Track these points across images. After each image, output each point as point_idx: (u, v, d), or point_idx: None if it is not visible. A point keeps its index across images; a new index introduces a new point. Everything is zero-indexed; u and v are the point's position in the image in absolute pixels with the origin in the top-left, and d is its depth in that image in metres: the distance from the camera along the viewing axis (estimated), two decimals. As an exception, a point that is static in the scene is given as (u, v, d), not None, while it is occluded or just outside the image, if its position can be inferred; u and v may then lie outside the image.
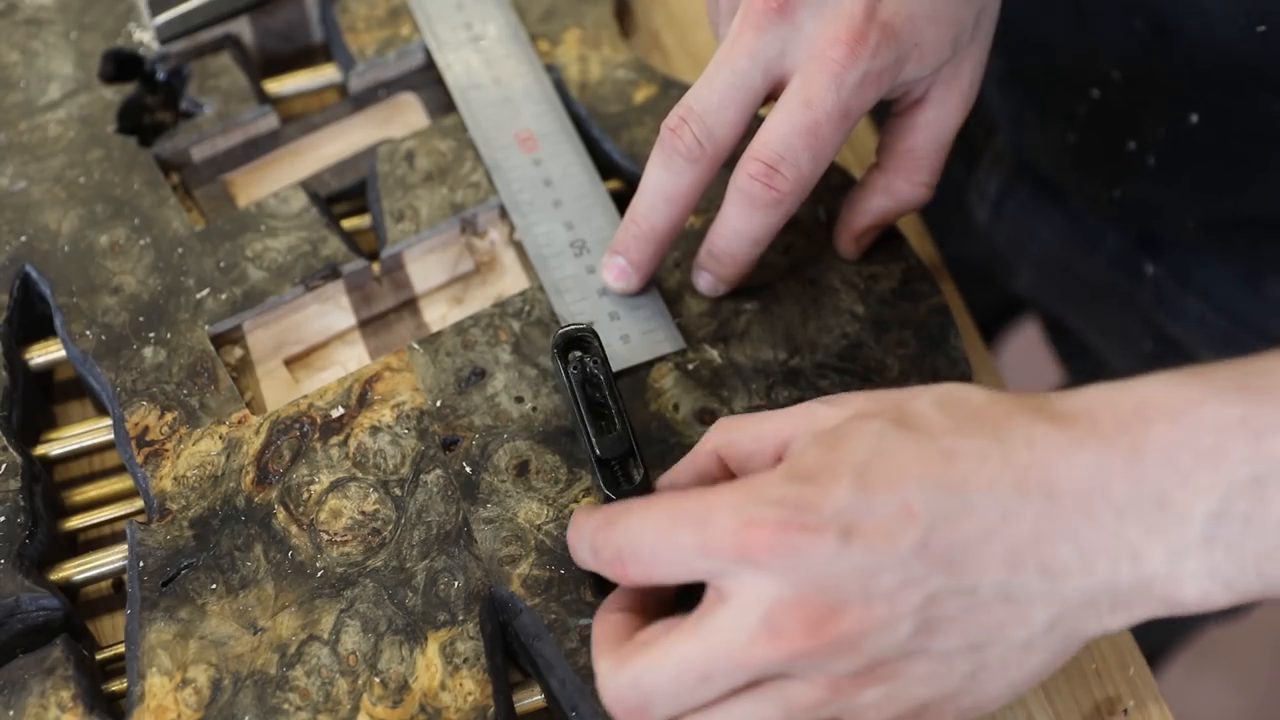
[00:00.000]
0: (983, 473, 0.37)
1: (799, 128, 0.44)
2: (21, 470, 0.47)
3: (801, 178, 0.45)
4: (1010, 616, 0.37)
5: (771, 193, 0.45)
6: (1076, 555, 0.36)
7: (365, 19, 0.59)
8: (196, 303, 0.51)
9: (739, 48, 0.45)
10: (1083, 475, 0.36)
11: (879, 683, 0.37)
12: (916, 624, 0.36)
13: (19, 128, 0.55)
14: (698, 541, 0.37)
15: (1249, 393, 0.36)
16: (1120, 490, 0.36)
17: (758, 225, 0.47)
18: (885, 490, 0.36)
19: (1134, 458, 0.36)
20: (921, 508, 0.36)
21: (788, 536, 0.36)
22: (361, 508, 0.47)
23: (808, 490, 0.37)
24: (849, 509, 0.36)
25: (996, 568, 0.36)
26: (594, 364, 0.46)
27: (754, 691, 0.38)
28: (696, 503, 0.38)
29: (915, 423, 0.38)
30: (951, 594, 0.36)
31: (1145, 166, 0.60)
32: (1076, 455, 0.36)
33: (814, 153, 0.45)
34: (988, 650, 0.37)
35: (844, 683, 0.37)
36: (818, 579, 0.36)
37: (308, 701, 0.43)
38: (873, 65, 0.44)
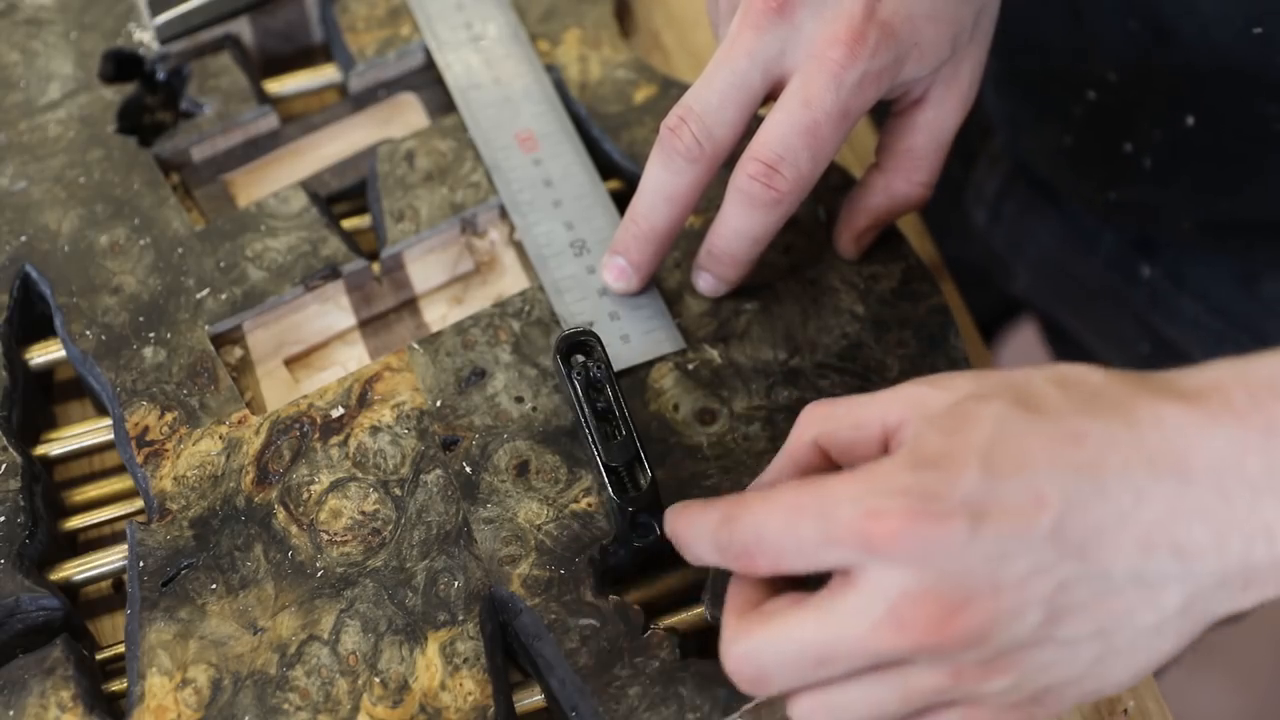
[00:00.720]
0: (1114, 455, 0.36)
1: (798, 128, 0.44)
2: (21, 470, 0.47)
3: (801, 177, 0.45)
4: (1142, 601, 0.36)
5: (771, 192, 0.45)
6: (1211, 535, 0.35)
7: (365, 19, 0.59)
8: (196, 303, 0.51)
9: (738, 47, 0.45)
10: (1217, 453, 0.35)
11: (1003, 673, 0.36)
12: (1046, 612, 0.36)
13: (19, 128, 0.55)
14: (822, 533, 0.36)
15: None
16: (1256, 466, 0.35)
17: (757, 225, 0.47)
18: (1015, 475, 0.35)
19: (1270, 433, 0.35)
20: (1053, 492, 0.35)
21: (915, 526, 0.35)
22: (361, 508, 0.47)
23: (933, 477, 0.36)
24: (978, 495, 0.35)
25: (1130, 552, 0.35)
26: (598, 369, 0.46)
27: (876, 674, 0.37)
28: (817, 494, 0.37)
29: (1037, 404, 0.37)
30: (1083, 581, 0.35)
31: (1141, 168, 0.60)
32: (1210, 433, 0.36)
33: (813, 152, 0.45)
34: (1116, 636, 0.37)
35: (968, 671, 0.36)
36: (946, 569, 0.35)
37: (308, 701, 0.43)
38: (872, 65, 0.44)
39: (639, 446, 0.45)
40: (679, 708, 0.43)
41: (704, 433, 0.48)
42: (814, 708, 0.38)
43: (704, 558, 0.40)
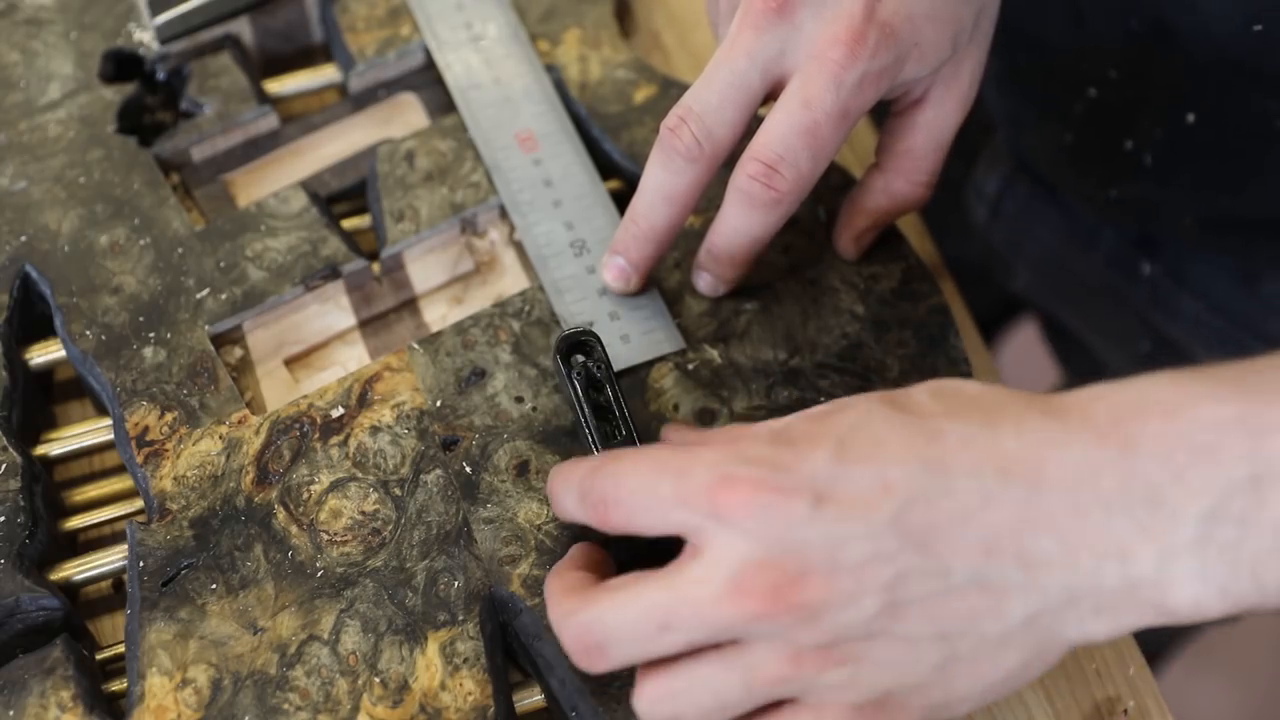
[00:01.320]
0: (967, 455, 0.36)
1: (798, 128, 0.45)
2: (21, 470, 0.47)
3: (801, 177, 0.45)
4: (984, 607, 0.36)
5: (771, 192, 0.45)
6: (1059, 548, 0.35)
7: (365, 19, 0.59)
8: (196, 303, 0.51)
9: (738, 47, 0.45)
10: (1071, 467, 0.35)
11: (842, 663, 0.36)
12: (883, 602, 0.36)
13: (19, 128, 0.55)
14: (676, 493, 0.37)
15: (1248, 392, 0.35)
16: (1110, 485, 0.35)
17: (757, 225, 0.47)
18: (865, 462, 0.36)
19: (1127, 452, 0.35)
20: (899, 482, 0.36)
21: (759, 496, 0.36)
22: (361, 508, 0.47)
23: (787, 453, 0.37)
24: (825, 476, 0.36)
25: (972, 552, 0.36)
26: (598, 369, 0.46)
27: (717, 655, 0.37)
28: (681, 456, 0.38)
29: (905, 405, 0.38)
30: (922, 575, 0.36)
31: (1142, 166, 0.61)
32: (1067, 446, 0.36)
33: (813, 152, 0.45)
34: (959, 642, 0.36)
35: (807, 657, 0.36)
36: (786, 542, 0.36)
37: (308, 701, 0.43)
38: (872, 65, 0.44)
39: (638, 445, 0.45)
40: (679, 708, 0.43)
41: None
42: (658, 696, 0.38)
43: (568, 509, 0.41)
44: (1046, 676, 0.49)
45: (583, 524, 0.41)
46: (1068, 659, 0.49)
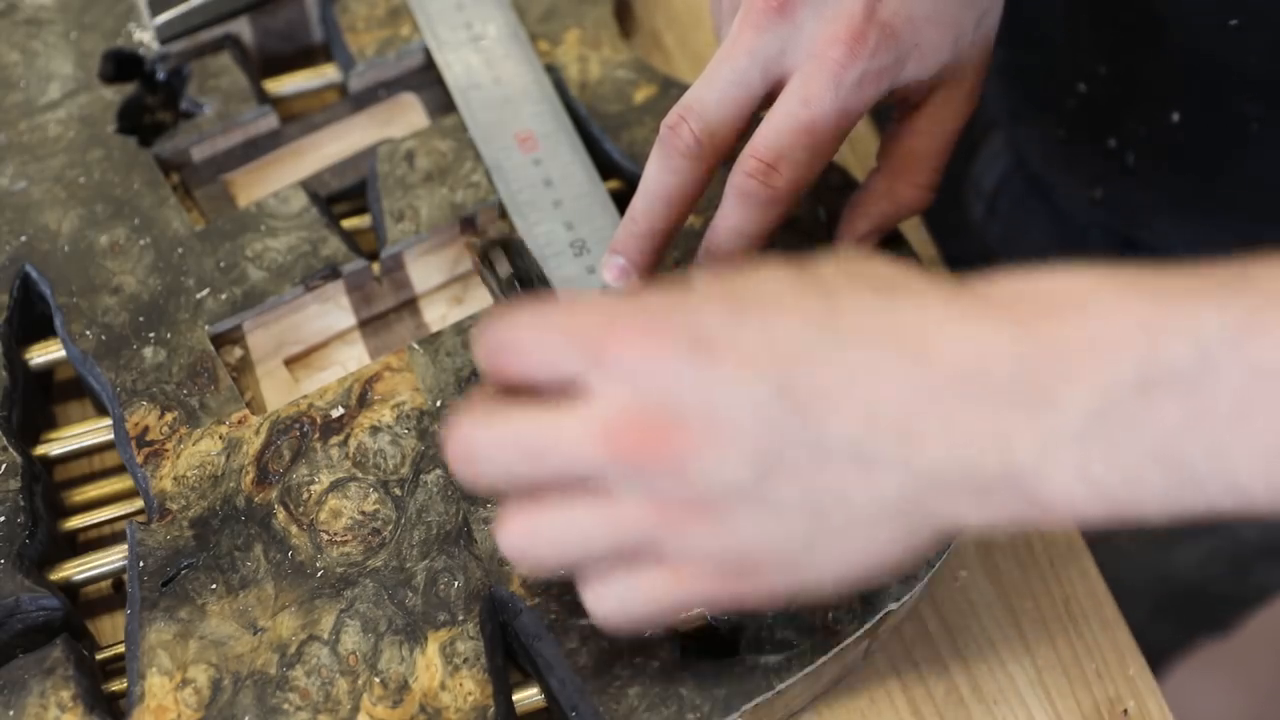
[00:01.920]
0: (862, 324, 0.35)
1: (797, 126, 0.45)
2: (21, 470, 0.47)
3: (799, 176, 0.45)
4: (858, 480, 0.35)
5: (769, 190, 0.45)
6: (941, 429, 0.34)
7: (365, 19, 0.59)
8: (196, 303, 0.51)
9: (739, 46, 0.45)
10: (966, 348, 0.35)
11: (707, 520, 0.36)
12: (755, 465, 0.35)
13: (19, 128, 0.55)
14: (565, 337, 0.36)
15: (1153, 294, 0.34)
16: (1001, 372, 0.34)
17: (754, 223, 0.47)
18: (755, 319, 0.35)
19: (1023, 341, 0.34)
20: (786, 341, 0.35)
21: (642, 339, 0.35)
22: (361, 508, 0.47)
23: (678, 303, 0.36)
24: (713, 328, 0.35)
25: (852, 421, 0.35)
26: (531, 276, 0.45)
27: (583, 498, 0.37)
28: (578, 304, 0.37)
29: (814, 276, 0.37)
30: (798, 441, 0.35)
31: (1125, 165, 0.61)
32: (963, 327, 0.35)
33: (812, 151, 0.45)
34: (829, 515, 0.35)
35: (671, 511, 0.36)
36: (663, 389, 0.35)
37: (308, 701, 0.43)
38: (871, 65, 0.44)
39: None
40: (679, 708, 0.43)
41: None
42: (521, 530, 0.38)
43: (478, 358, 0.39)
44: (1047, 676, 0.49)
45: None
46: (1068, 659, 0.49)
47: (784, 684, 0.44)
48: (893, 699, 0.49)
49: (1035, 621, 0.50)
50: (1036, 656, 0.50)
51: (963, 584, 0.51)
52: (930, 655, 0.49)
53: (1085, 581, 0.51)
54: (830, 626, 0.45)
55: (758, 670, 0.44)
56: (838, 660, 0.46)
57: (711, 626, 0.46)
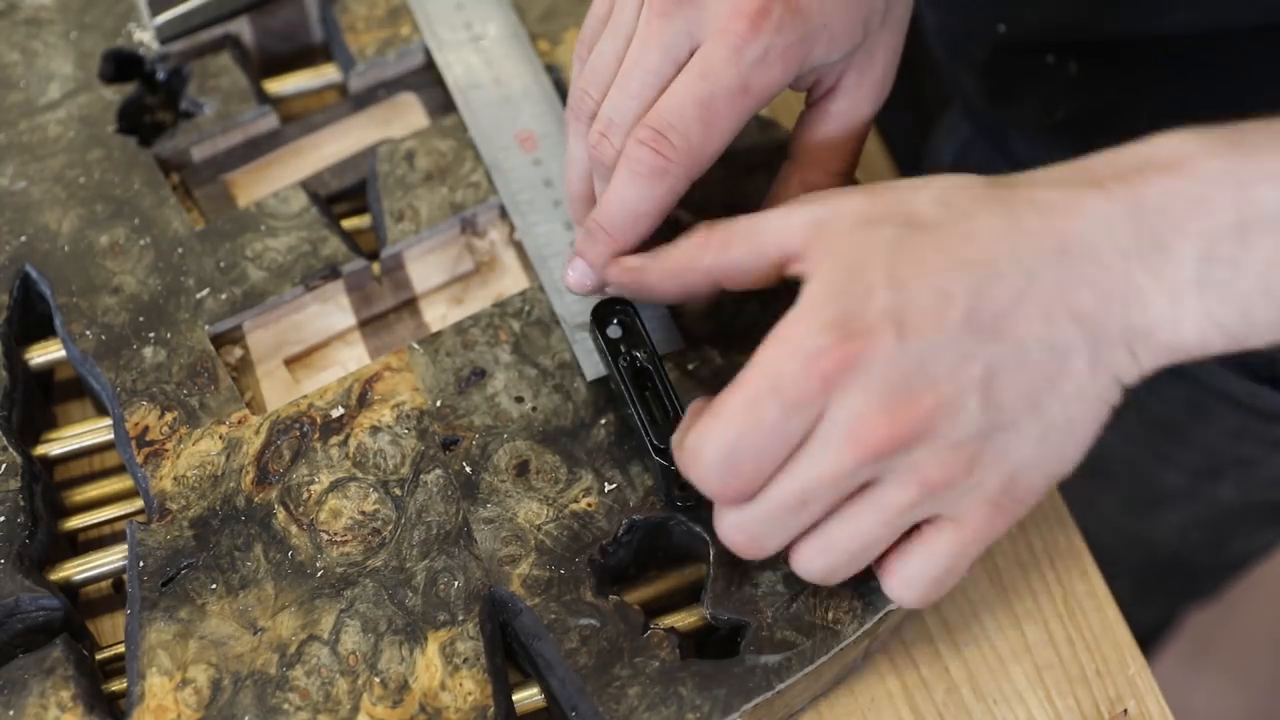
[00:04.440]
0: (1001, 244, 0.39)
1: (692, 97, 0.44)
2: (21, 470, 0.47)
3: (691, 148, 0.44)
4: (1057, 369, 0.39)
5: (658, 159, 0.44)
6: (1097, 300, 0.39)
7: (365, 19, 0.59)
8: (196, 303, 0.51)
9: (649, 41, 0.45)
10: (1089, 228, 0.39)
11: (965, 468, 0.39)
12: (981, 397, 0.39)
13: (19, 128, 0.55)
14: (782, 407, 0.39)
15: (1239, 147, 0.39)
16: (1124, 238, 0.39)
17: (642, 196, 0.45)
18: (919, 281, 0.39)
19: (1134, 207, 0.39)
20: (957, 287, 0.39)
21: (849, 349, 0.38)
22: (361, 508, 0.47)
23: (848, 304, 0.39)
24: (893, 307, 0.39)
25: (1036, 324, 0.39)
26: (644, 357, 0.46)
27: (849, 505, 0.40)
28: (757, 377, 0.39)
29: (923, 220, 0.40)
30: (1004, 360, 0.39)
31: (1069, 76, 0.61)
32: (1081, 210, 0.39)
33: (706, 124, 0.44)
34: (1048, 408, 0.40)
35: (933, 475, 0.39)
36: (887, 378, 0.38)
37: (308, 701, 0.43)
38: (776, 41, 0.43)
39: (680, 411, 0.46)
40: (679, 708, 0.43)
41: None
42: (810, 555, 0.42)
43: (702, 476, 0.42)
44: (1047, 676, 0.49)
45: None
46: (1068, 659, 0.49)
47: (784, 684, 0.44)
48: (893, 699, 0.49)
49: (1035, 621, 0.50)
50: (1036, 656, 0.50)
51: (963, 584, 0.51)
52: (930, 655, 0.49)
53: (1085, 581, 0.51)
54: (830, 626, 0.45)
55: (758, 670, 0.44)
56: (838, 660, 0.46)
57: (711, 626, 0.46)
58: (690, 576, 0.49)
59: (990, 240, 0.39)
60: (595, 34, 0.49)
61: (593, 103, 0.47)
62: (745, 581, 0.46)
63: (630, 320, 0.47)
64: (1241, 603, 1.31)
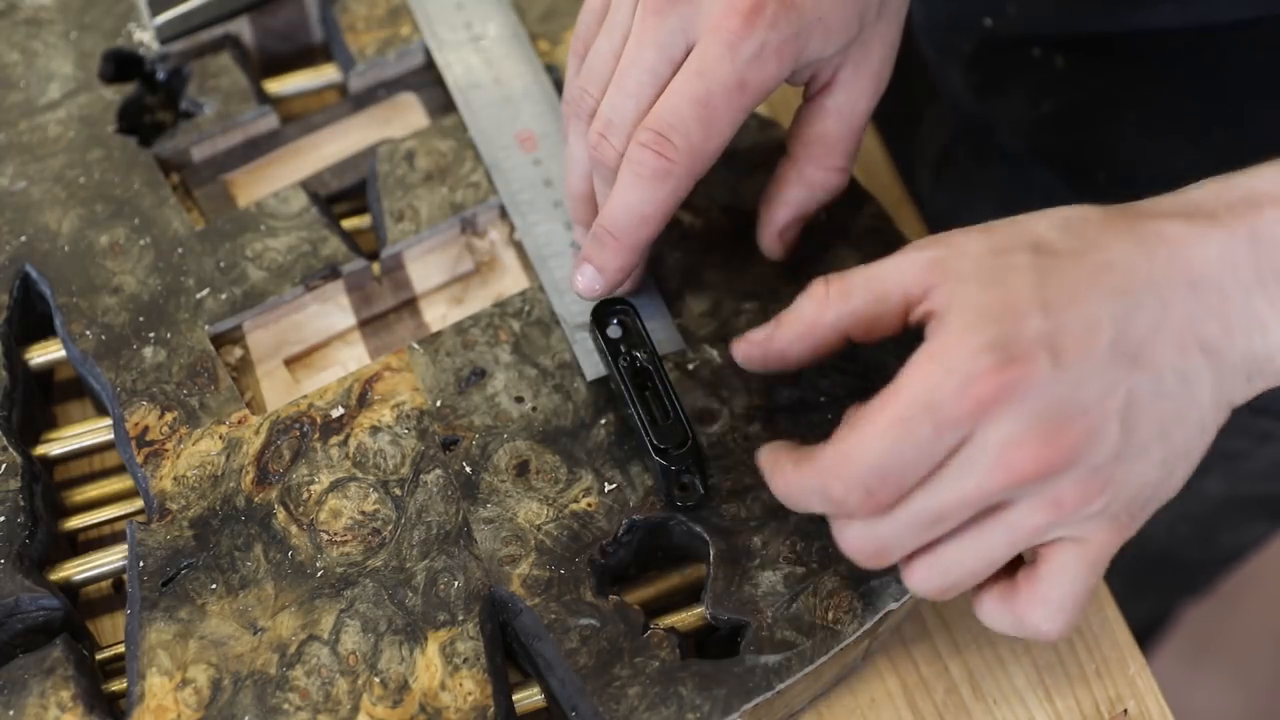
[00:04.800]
0: (1138, 273, 0.40)
1: (690, 97, 0.44)
2: (21, 470, 0.47)
3: (692, 148, 0.44)
4: (1187, 399, 0.40)
5: (661, 161, 0.44)
6: (1222, 330, 0.40)
7: (365, 19, 0.59)
8: (196, 303, 0.51)
9: (645, 40, 0.45)
10: (1214, 260, 0.40)
11: (1098, 492, 0.40)
12: (1120, 425, 0.39)
13: (19, 128, 0.55)
14: (934, 427, 0.39)
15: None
16: (1246, 270, 0.40)
17: (646, 199, 0.45)
18: (1070, 308, 0.39)
19: (1254, 241, 0.40)
20: (1104, 316, 0.39)
21: (1008, 374, 0.38)
22: (361, 508, 0.47)
23: (1003, 329, 0.39)
24: (1047, 332, 0.39)
25: (1171, 353, 0.40)
26: (644, 357, 0.46)
27: (977, 525, 0.40)
28: (909, 394, 0.39)
29: (1055, 249, 0.40)
30: (1143, 388, 0.40)
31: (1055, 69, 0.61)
32: (1205, 244, 0.40)
33: (705, 123, 0.44)
34: (1174, 436, 0.40)
35: (1068, 499, 0.39)
36: (1041, 404, 0.38)
37: (308, 701, 0.43)
38: (771, 36, 0.43)
39: (685, 416, 0.46)
40: (679, 708, 0.43)
41: (704, 433, 0.48)
42: (927, 574, 0.42)
43: (817, 507, 0.42)
44: (1047, 676, 0.49)
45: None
46: (1068, 658, 0.49)
47: (784, 684, 0.44)
48: (893, 699, 0.49)
49: (1035, 621, 0.50)
50: (1036, 656, 0.50)
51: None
52: (930, 655, 0.49)
53: (1085, 581, 0.51)
54: (830, 626, 0.45)
55: (758, 670, 0.44)
56: (838, 660, 0.46)
57: (711, 626, 0.46)
58: (690, 576, 0.49)
59: (1128, 270, 0.40)
60: (590, 30, 0.49)
61: (592, 101, 0.47)
62: (745, 581, 0.46)
63: (630, 320, 0.47)
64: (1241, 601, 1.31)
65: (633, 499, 0.47)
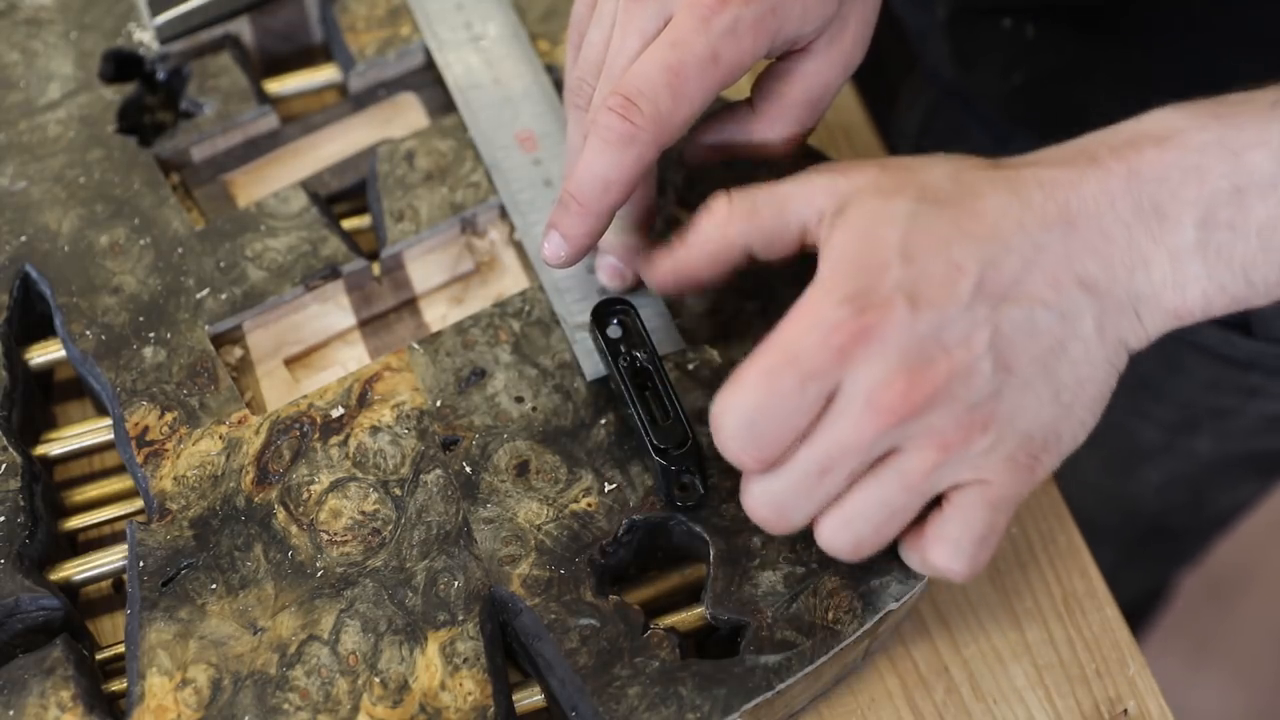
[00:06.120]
0: (1008, 219, 0.41)
1: (661, 65, 0.44)
2: (21, 470, 0.47)
3: (659, 115, 0.44)
4: (1066, 332, 0.41)
5: (627, 125, 0.44)
6: (1101, 267, 0.41)
7: (365, 19, 0.59)
8: (196, 303, 0.51)
9: (628, 29, 0.45)
10: (1091, 200, 0.41)
11: (982, 428, 0.41)
12: (993, 361, 0.40)
13: (19, 128, 0.55)
14: (800, 377, 0.40)
15: (1224, 119, 0.41)
16: (1124, 208, 0.41)
17: (611, 163, 0.45)
18: (931, 255, 0.41)
19: (1131, 178, 0.41)
20: (967, 260, 0.41)
21: (866, 322, 0.40)
22: (361, 508, 0.47)
23: (864, 279, 0.40)
24: (906, 279, 0.40)
25: (1045, 290, 0.41)
26: (644, 357, 0.46)
27: (872, 474, 0.41)
28: (775, 349, 0.41)
29: (936, 195, 0.42)
30: (1013, 325, 0.41)
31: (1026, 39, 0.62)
32: (1083, 185, 0.41)
33: (674, 92, 0.44)
34: (1059, 370, 0.41)
35: (950, 437, 0.40)
36: (902, 348, 0.40)
37: (308, 701, 0.43)
38: (744, 12, 0.44)
39: (685, 416, 0.46)
40: (679, 708, 0.43)
41: (704, 433, 0.48)
42: (835, 527, 0.42)
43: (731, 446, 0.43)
44: (1047, 676, 0.49)
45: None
46: (1068, 659, 0.49)
47: (784, 684, 0.44)
48: (893, 699, 0.49)
49: (1035, 621, 0.50)
50: (1036, 656, 0.50)
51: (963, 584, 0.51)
52: (930, 655, 0.49)
53: (1085, 581, 0.51)
54: (830, 626, 0.45)
55: (758, 670, 0.44)
56: (838, 660, 0.46)
57: (711, 626, 0.46)
58: (690, 576, 0.49)
59: (998, 216, 0.41)
60: (583, 20, 0.49)
61: (590, 89, 0.48)
62: (745, 581, 0.46)
63: (630, 320, 0.47)
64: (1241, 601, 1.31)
65: (633, 499, 0.47)
